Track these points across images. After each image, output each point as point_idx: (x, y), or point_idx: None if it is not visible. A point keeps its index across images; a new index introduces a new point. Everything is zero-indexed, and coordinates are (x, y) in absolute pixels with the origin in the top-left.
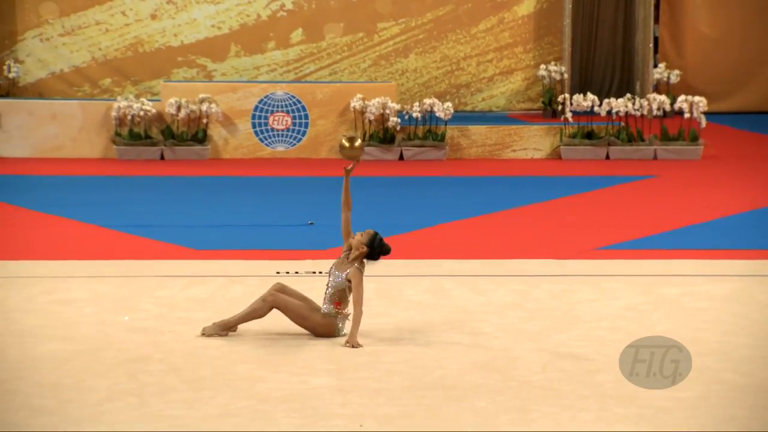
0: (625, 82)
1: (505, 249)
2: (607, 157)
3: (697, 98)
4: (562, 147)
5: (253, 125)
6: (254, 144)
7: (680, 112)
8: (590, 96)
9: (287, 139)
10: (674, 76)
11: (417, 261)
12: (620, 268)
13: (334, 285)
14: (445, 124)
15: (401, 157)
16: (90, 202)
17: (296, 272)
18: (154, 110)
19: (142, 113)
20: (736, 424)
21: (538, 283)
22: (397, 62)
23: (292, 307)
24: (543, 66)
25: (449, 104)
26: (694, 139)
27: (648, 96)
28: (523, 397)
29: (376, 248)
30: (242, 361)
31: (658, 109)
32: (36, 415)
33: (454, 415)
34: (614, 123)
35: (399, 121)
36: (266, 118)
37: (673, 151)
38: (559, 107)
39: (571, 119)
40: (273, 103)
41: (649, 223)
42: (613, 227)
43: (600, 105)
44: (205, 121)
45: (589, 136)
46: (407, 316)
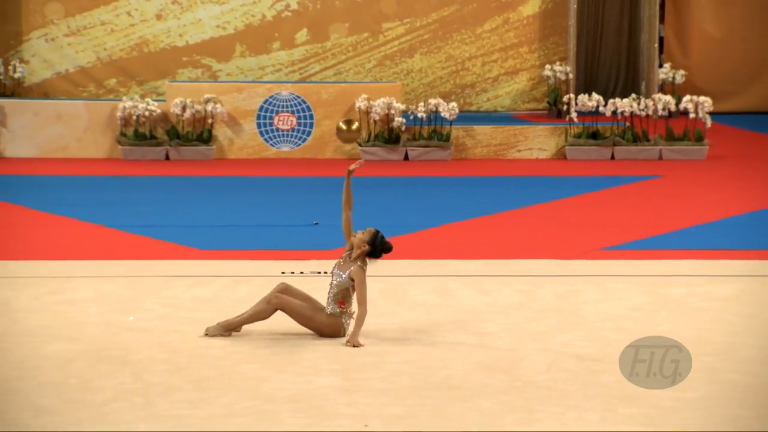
0: (630, 82)
1: (510, 249)
2: (612, 157)
3: (702, 98)
4: (567, 147)
5: (258, 125)
6: (259, 144)
7: (685, 112)
8: (595, 96)
9: (292, 139)
10: (679, 76)
11: (422, 261)
12: (625, 269)
13: (338, 284)
14: (450, 124)
15: (406, 157)
16: (95, 202)
17: (301, 272)
18: (159, 110)
19: (147, 113)
20: (740, 424)
21: (543, 284)
22: (402, 62)
23: (297, 309)
24: (548, 66)
25: (454, 104)
26: (699, 140)
27: (653, 96)
28: (528, 397)
29: (378, 246)
30: (247, 361)
31: (663, 109)
32: (41, 414)
33: (460, 415)
34: (619, 123)
35: (404, 121)
36: (271, 118)
37: (679, 152)
38: (564, 107)
39: (576, 119)
40: (278, 103)
41: (654, 223)
42: (618, 227)
43: (605, 105)
44: (210, 121)
45: (594, 136)
46: (412, 316)
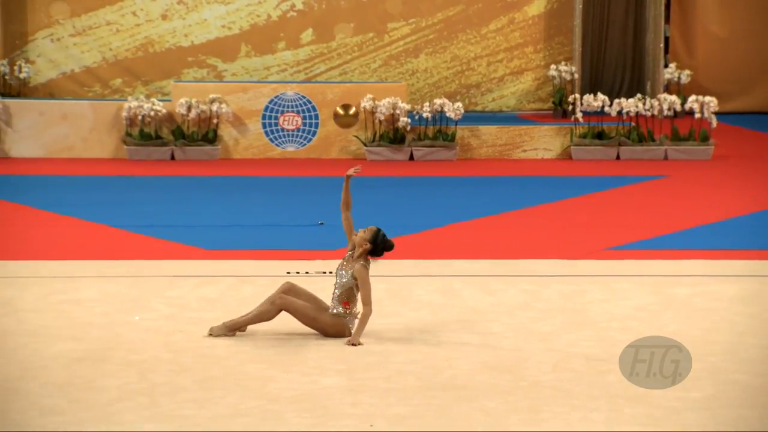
0: (635, 82)
1: (516, 249)
2: (618, 158)
3: (707, 98)
4: (572, 147)
5: (264, 125)
6: (264, 144)
7: (691, 112)
8: (601, 96)
9: (297, 139)
10: (685, 76)
11: (427, 261)
12: (631, 269)
13: (341, 285)
14: (456, 124)
15: (411, 157)
16: (100, 202)
17: (306, 272)
18: (164, 110)
19: (153, 113)
20: (745, 424)
21: (549, 284)
22: (407, 62)
23: (301, 309)
24: (553, 66)
25: (459, 104)
26: (704, 139)
27: (658, 96)
28: (533, 398)
29: (380, 244)
30: (252, 361)
31: (669, 109)
32: (46, 414)
33: (465, 415)
34: (625, 123)
35: (409, 121)
36: (276, 118)
37: (684, 152)
38: (570, 107)
39: (581, 119)
40: (283, 103)
41: (660, 223)
42: (624, 227)
43: (610, 105)
44: (215, 121)
45: (600, 136)
46: (417, 316)
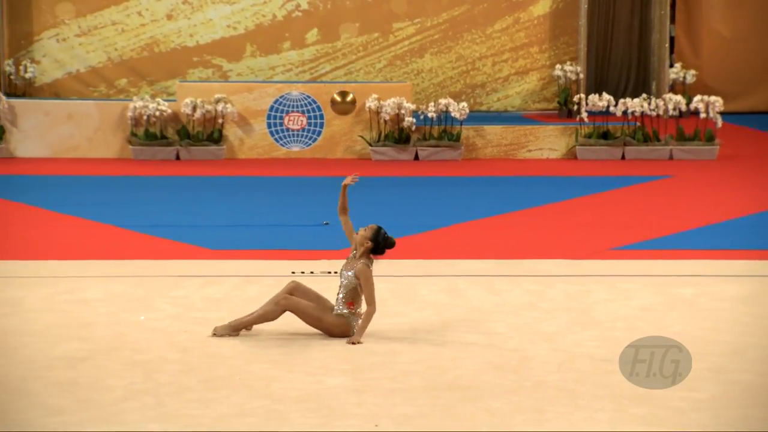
0: (640, 82)
1: (521, 249)
2: (623, 158)
3: (713, 98)
4: (577, 147)
5: (269, 125)
6: (269, 144)
7: (696, 112)
8: (606, 96)
9: (302, 139)
10: (690, 76)
11: (432, 261)
12: (636, 269)
13: (345, 285)
14: (461, 124)
15: (416, 157)
16: (105, 202)
17: (311, 272)
18: (169, 110)
19: (158, 113)
20: (750, 424)
21: (554, 284)
22: (412, 62)
23: (306, 310)
24: (558, 66)
25: (464, 104)
26: (710, 139)
27: (664, 96)
28: (538, 398)
29: (381, 242)
30: (257, 361)
31: (674, 109)
32: (52, 414)
33: (470, 415)
34: (630, 123)
35: (414, 121)
36: (281, 118)
37: (689, 151)
38: (575, 107)
39: (586, 119)
40: (288, 103)
41: (665, 223)
42: (629, 227)
43: (616, 105)
44: (220, 121)
45: (605, 136)
46: (422, 316)
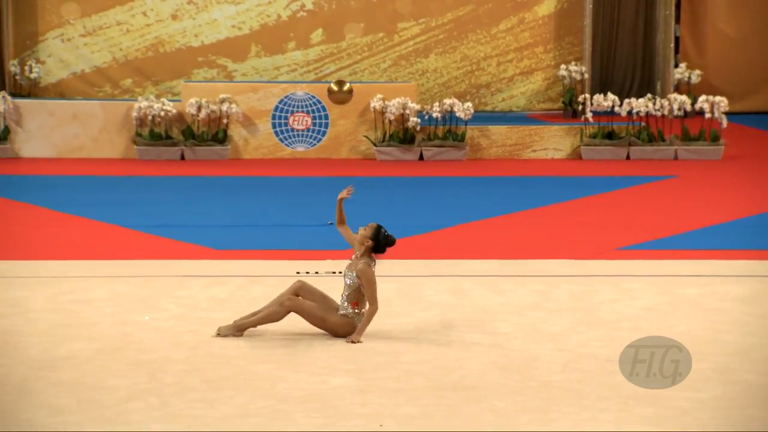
0: (645, 82)
1: (526, 249)
2: (628, 158)
3: (718, 98)
4: (582, 147)
5: (273, 125)
6: (274, 144)
7: (701, 112)
8: (611, 96)
9: (307, 139)
10: (695, 76)
11: (437, 261)
12: (641, 269)
13: (349, 285)
14: (465, 125)
15: (421, 158)
16: (110, 202)
17: (316, 272)
18: (174, 110)
19: (163, 113)
20: (755, 425)
21: (559, 284)
22: (417, 62)
23: (310, 311)
24: (563, 66)
25: (469, 104)
26: (715, 139)
27: (669, 96)
28: (543, 398)
29: (381, 240)
30: (262, 361)
31: (679, 109)
32: (56, 414)
33: (474, 416)
34: (635, 123)
35: (419, 121)
36: (286, 118)
37: (694, 152)
38: (580, 107)
39: (591, 119)
40: (293, 103)
41: (670, 223)
42: (634, 227)
43: (620, 105)
44: (225, 121)
45: (610, 136)
46: (427, 316)
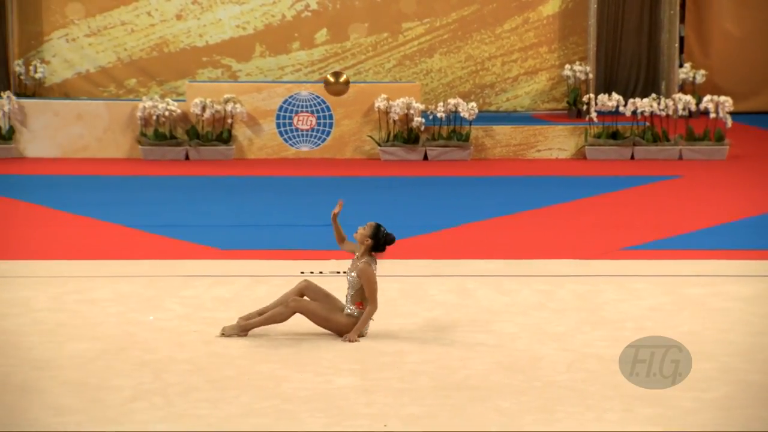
0: (650, 82)
1: (530, 249)
2: (632, 158)
3: (722, 98)
4: (586, 147)
5: (278, 125)
6: (279, 144)
7: (706, 112)
8: (615, 96)
9: (312, 139)
10: (700, 76)
11: (441, 261)
12: (645, 269)
13: (352, 286)
14: (470, 124)
15: (425, 157)
16: (115, 202)
17: (320, 272)
18: (179, 110)
19: (167, 113)
20: (761, 425)
21: (563, 284)
22: (421, 62)
23: (315, 311)
24: (568, 66)
25: (474, 104)
26: (719, 139)
27: (673, 96)
28: (547, 398)
29: (381, 238)
30: (266, 361)
31: (684, 109)
32: (60, 414)
33: (479, 415)
34: (639, 123)
35: (423, 121)
36: (291, 118)
37: (699, 152)
38: (584, 107)
39: (596, 119)
40: (297, 103)
41: (674, 223)
42: (638, 227)
43: (625, 105)
44: (229, 121)
45: (614, 136)
46: (431, 316)
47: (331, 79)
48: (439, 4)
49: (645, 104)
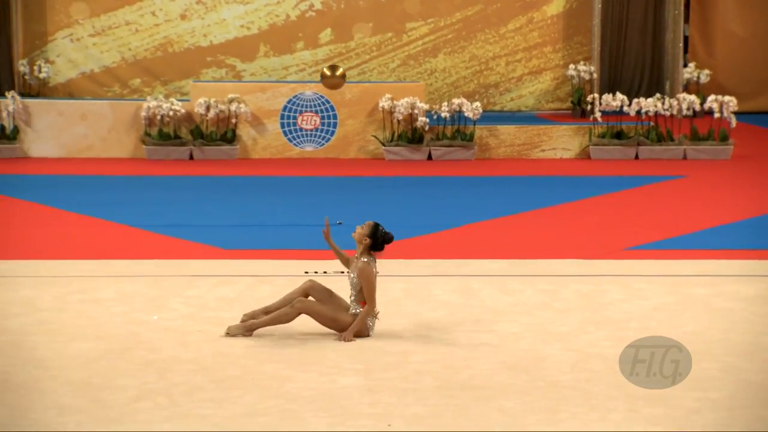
0: (654, 82)
1: (534, 249)
2: (637, 157)
3: (727, 98)
4: (591, 147)
5: (282, 125)
6: (283, 144)
7: (710, 112)
8: (619, 96)
9: (316, 139)
10: (704, 76)
11: (445, 261)
12: (649, 269)
13: (354, 286)
14: (474, 124)
15: (429, 157)
16: (119, 202)
17: (324, 272)
18: (183, 110)
19: (172, 113)
20: (765, 425)
21: (567, 283)
22: (425, 62)
23: (320, 311)
24: (572, 66)
25: (478, 104)
26: (724, 139)
27: (678, 96)
28: (551, 398)
29: (379, 238)
30: (270, 361)
31: (688, 109)
32: (65, 413)
33: (483, 415)
34: (644, 123)
35: (427, 120)
36: (295, 118)
37: (703, 151)
38: (588, 107)
39: (600, 119)
40: (302, 103)
41: (679, 223)
42: (643, 227)
43: (629, 105)
44: (234, 121)
45: (619, 135)
46: (435, 316)
47: (328, 73)
48: (443, 4)
49: (649, 104)
